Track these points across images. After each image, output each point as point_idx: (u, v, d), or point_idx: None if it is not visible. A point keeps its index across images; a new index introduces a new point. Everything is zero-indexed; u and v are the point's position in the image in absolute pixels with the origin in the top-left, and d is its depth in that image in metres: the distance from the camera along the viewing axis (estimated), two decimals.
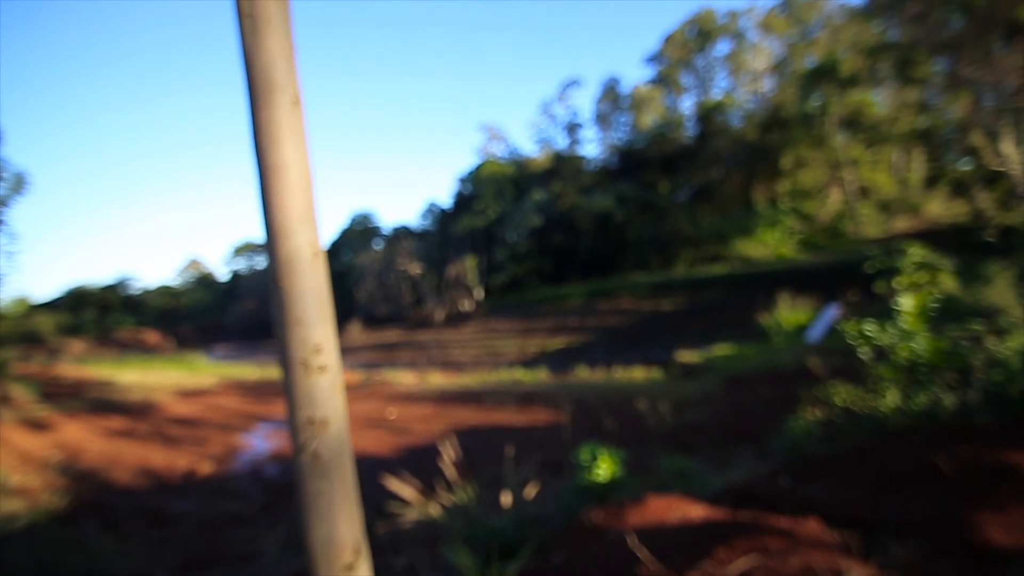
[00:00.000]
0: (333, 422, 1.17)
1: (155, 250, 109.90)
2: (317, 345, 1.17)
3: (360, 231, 49.94)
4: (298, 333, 1.16)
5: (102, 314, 55.21)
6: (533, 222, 36.92)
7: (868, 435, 3.41)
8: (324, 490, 1.16)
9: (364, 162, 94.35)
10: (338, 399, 1.20)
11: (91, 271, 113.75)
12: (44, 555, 6.34)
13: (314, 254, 1.18)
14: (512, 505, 3.17)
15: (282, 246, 1.18)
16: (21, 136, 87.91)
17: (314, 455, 1.16)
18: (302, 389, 1.18)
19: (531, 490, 3.22)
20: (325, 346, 1.17)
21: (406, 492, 3.25)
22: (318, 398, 1.19)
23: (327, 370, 1.19)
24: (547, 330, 27.63)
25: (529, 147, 48.37)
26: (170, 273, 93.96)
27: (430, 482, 3.89)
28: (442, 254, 40.03)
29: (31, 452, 11.58)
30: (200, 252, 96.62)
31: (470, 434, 9.48)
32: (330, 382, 1.19)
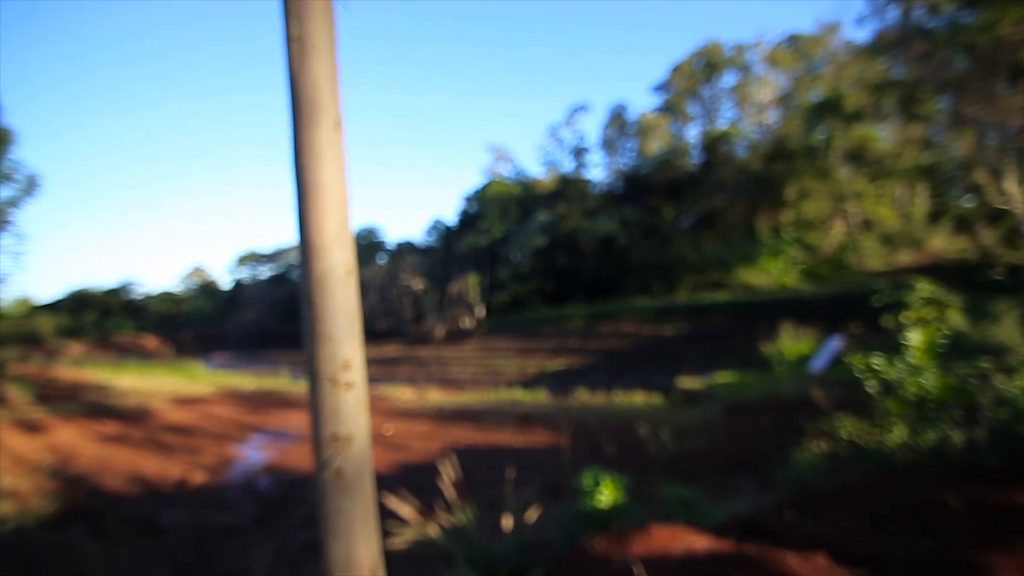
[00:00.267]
0: (357, 439, 1.16)
1: (159, 256, 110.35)
2: (346, 361, 1.17)
3: (364, 245, 50.25)
4: (328, 349, 1.17)
5: (103, 318, 55.22)
6: (537, 243, 37.10)
7: (874, 470, 3.37)
8: (345, 508, 1.15)
9: (371, 176, 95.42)
10: (363, 417, 1.19)
11: (94, 274, 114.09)
12: (31, 560, 6.24)
13: (347, 272, 1.19)
14: (512, 529, 3.12)
15: (316, 263, 1.18)
16: (30, 137, 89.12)
17: (337, 472, 1.14)
18: (328, 405, 1.17)
19: (532, 514, 3.18)
20: (353, 363, 1.18)
21: (404, 511, 3.21)
22: (344, 414, 1.18)
23: (354, 387, 1.18)
24: (547, 351, 27.52)
25: (535, 169, 48.92)
26: (173, 279, 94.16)
27: (428, 501, 3.84)
28: (445, 271, 40.15)
29: (23, 454, 11.47)
30: (204, 260, 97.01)
31: (468, 453, 9.37)
32: (356, 399, 1.18)
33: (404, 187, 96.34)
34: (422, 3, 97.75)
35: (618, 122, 41.29)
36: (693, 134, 40.57)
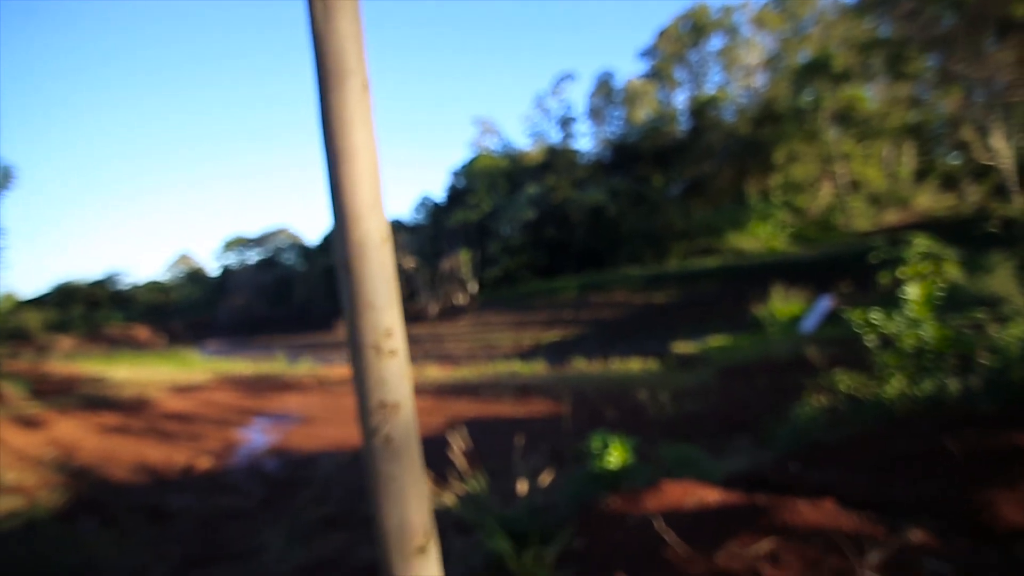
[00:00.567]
0: (403, 406, 1.19)
1: (145, 245, 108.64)
2: (388, 329, 1.17)
3: None
4: (370, 317, 1.17)
5: (90, 310, 54.49)
6: (526, 216, 36.91)
7: (873, 421, 3.47)
8: (396, 474, 1.18)
9: None
10: (407, 384, 1.21)
11: (79, 266, 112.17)
12: (43, 553, 6.30)
13: (382, 239, 1.19)
14: (526, 494, 3.20)
15: (353, 231, 1.17)
16: (9, 130, 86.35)
17: (386, 439, 1.16)
18: (374, 373, 1.19)
19: (546, 478, 3.26)
20: (395, 330, 1.18)
21: None
22: (390, 382, 1.20)
23: (397, 354, 1.20)
24: (541, 323, 27.70)
25: (522, 141, 48.29)
26: (159, 268, 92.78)
27: (437, 473, 3.91)
28: (435, 248, 39.93)
29: (24, 450, 11.45)
30: (190, 247, 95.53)
31: (471, 426, 9.47)
32: (400, 367, 1.20)
33: (390, 164, 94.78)
34: None
35: (605, 90, 40.69)
36: (680, 100, 40.18)
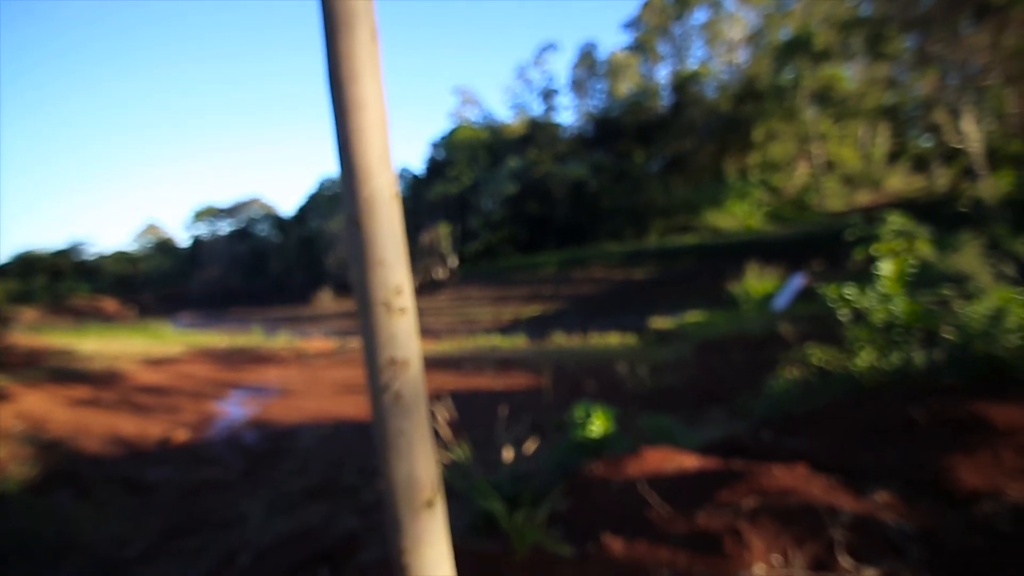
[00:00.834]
0: (413, 363, 1.20)
1: (110, 214, 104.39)
2: (398, 286, 1.17)
3: (329, 196, 48.52)
4: (379, 274, 1.17)
5: (54, 281, 52.51)
6: (508, 190, 36.62)
7: (843, 393, 3.63)
8: (405, 429, 1.19)
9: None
10: (416, 341, 1.23)
11: (41, 236, 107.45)
12: (18, 524, 6.22)
13: (392, 195, 1.17)
14: (510, 461, 3.27)
15: (363, 186, 1.16)
16: None
17: (396, 395, 1.18)
18: (384, 330, 1.20)
19: (530, 446, 3.33)
20: (404, 288, 1.18)
21: None
22: (400, 339, 1.21)
23: (407, 312, 1.20)
24: (521, 298, 27.84)
25: (504, 113, 47.52)
26: (126, 238, 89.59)
27: None
28: (415, 221, 39.41)
29: None
30: (158, 216, 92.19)
31: (452, 398, 9.58)
32: (409, 324, 1.21)
33: None
34: None
35: (588, 62, 40.12)
36: (663, 75, 39.93)
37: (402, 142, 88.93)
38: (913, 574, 1.68)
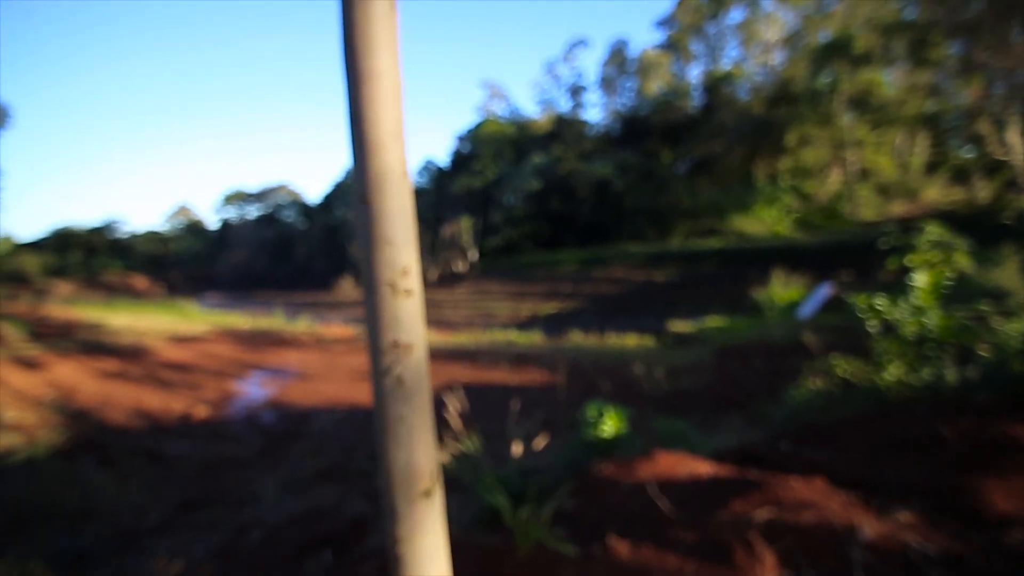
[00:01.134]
0: (416, 347, 1.17)
1: (143, 193, 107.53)
2: (405, 267, 1.14)
3: (352, 186, 49.05)
4: (387, 253, 1.14)
5: (88, 257, 54.35)
6: (531, 186, 36.49)
7: (868, 406, 3.50)
8: (406, 415, 1.16)
9: None
10: (421, 325, 1.19)
11: (77, 212, 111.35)
12: (44, 489, 6.44)
13: (403, 172, 1.14)
14: (519, 456, 3.24)
15: (373, 161, 1.12)
16: (10, 73, 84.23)
17: (398, 380, 1.15)
18: (388, 312, 1.16)
19: (540, 442, 3.30)
20: (412, 269, 1.15)
21: None
22: (404, 322, 1.17)
23: (413, 294, 1.17)
24: (540, 295, 27.75)
25: (531, 108, 47.27)
26: (158, 218, 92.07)
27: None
28: (437, 213, 39.61)
29: (24, 390, 11.58)
30: (189, 198, 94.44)
31: (466, 391, 9.59)
32: (415, 306, 1.17)
33: None
34: None
35: (618, 59, 39.63)
36: (695, 74, 39.22)
37: (427, 134, 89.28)
38: None
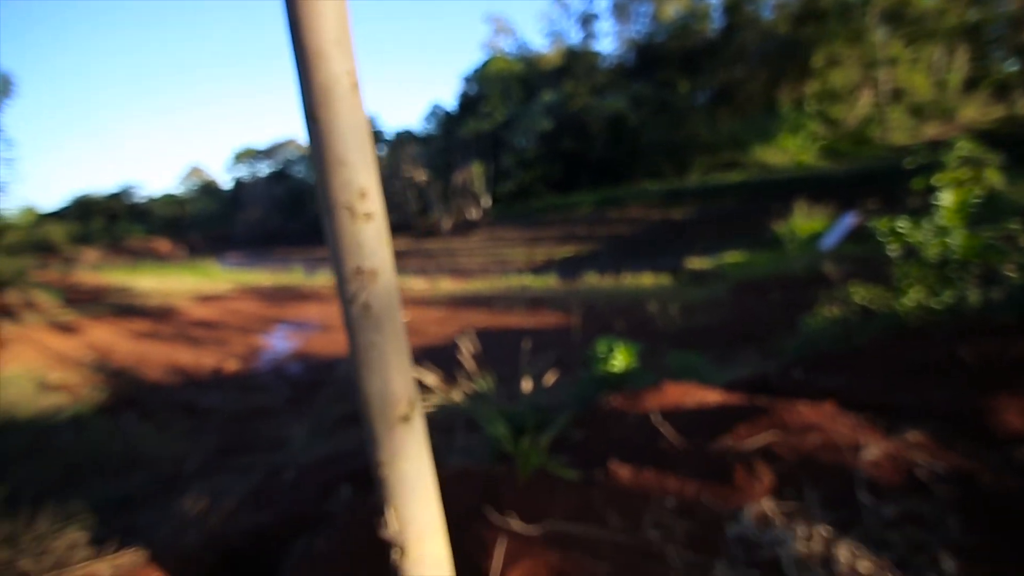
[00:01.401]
0: (382, 273, 1.13)
1: (155, 157, 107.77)
2: (362, 189, 1.08)
3: None
4: (341, 174, 1.07)
5: (110, 223, 55.37)
6: (542, 126, 35.29)
7: (885, 331, 3.42)
8: (376, 342, 1.14)
9: (364, 63, 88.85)
10: (386, 249, 1.14)
11: (93, 180, 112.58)
12: (91, 442, 6.88)
13: (352, 85, 1.06)
14: (530, 392, 3.29)
15: (317, 72, 1.03)
16: (22, 45, 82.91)
17: (364, 306, 1.12)
18: (348, 237, 1.11)
19: (550, 378, 3.34)
20: (370, 191, 1.09)
21: (428, 379, 3.38)
22: (366, 247, 1.13)
23: (373, 218, 1.11)
24: (555, 239, 27.50)
25: (539, 42, 44.96)
26: (172, 181, 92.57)
27: (448, 375, 4.05)
28: (447, 160, 38.86)
29: (64, 352, 12.18)
30: (200, 159, 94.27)
31: (482, 335, 9.73)
32: (377, 231, 1.12)
33: (398, 70, 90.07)
34: None
35: None
36: None
37: (434, 77, 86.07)
38: (938, 513, 1.60)
